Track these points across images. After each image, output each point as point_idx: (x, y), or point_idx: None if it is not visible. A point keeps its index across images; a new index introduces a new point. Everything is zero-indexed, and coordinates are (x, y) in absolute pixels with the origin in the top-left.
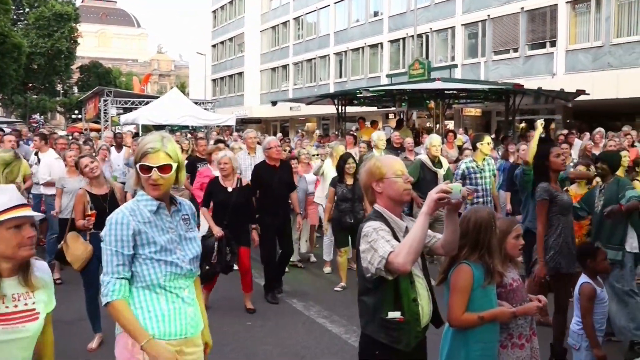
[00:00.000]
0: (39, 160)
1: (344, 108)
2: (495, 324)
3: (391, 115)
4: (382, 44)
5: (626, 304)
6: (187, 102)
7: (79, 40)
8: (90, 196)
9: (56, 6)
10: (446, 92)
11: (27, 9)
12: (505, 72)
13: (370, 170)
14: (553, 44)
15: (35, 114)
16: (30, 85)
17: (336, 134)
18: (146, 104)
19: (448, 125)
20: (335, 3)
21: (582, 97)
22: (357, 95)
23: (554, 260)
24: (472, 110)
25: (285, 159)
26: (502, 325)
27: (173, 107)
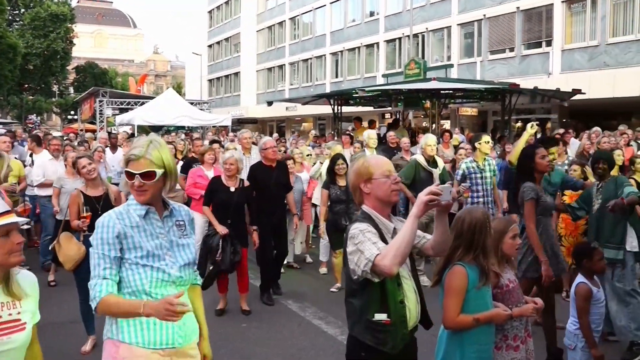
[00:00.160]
0: (32, 162)
1: (340, 108)
2: (491, 326)
3: (387, 115)
4: (378, 43)
5: (627, 304)
6: (183, 102)
7: (74, 40)
8: (85, 197)
9: (52, 7)
10: (442, 91)
11: (22, 10)
12: (501, 71)
13: (358, 171)
14: (549, 44)
15: (32, 115)
16: (26, 86)
17: (332, 134)
18: (142, 104)
19: (444, 125)
20: (331, 3)
21: (578, 97)
22: (353, 95)
23: (536, 262)
24: (469, 110)
25: (281, 160)
26: (497, 327)
27: (169, 108)
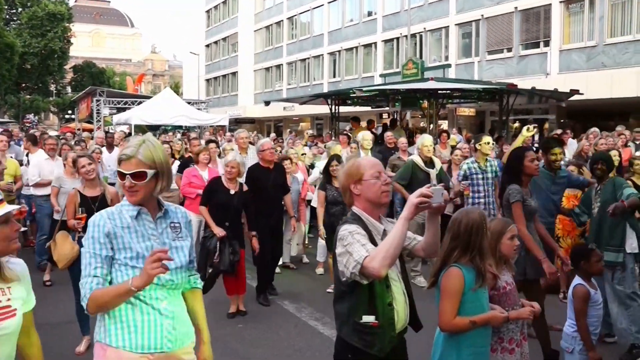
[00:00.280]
0: (28, 161)
1: (337, 108)
2: (488, 328)
3: (385, 115)
4: (375, 43)
5: (628, 307)
6: (180, 102)
7: (72, 40)
8: (81, 197)
9: (49, 6)
10: (440, 91)
11: (20, 9)
12: (499, 71)
13: (348, 172)
14: (547, 44)
15: (29, 115)
16: (24, 85)
17: (330, 134)
18: (139, 104)
19: (442, 125)
20: (329, 3)
21: (575, 97)
22: (351, 95)
23: (520, 266)
24: (466, 110)
25: (278, 160)
26: (493, 329)
27: (166, 107)
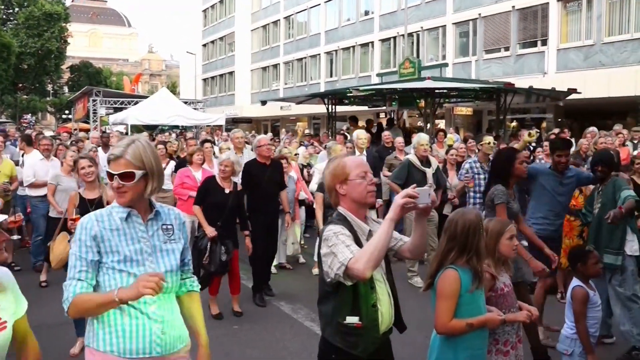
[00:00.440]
0: (24, 162)
1: (334, 107)
2: (485, 330)
3: (382, 115)
4: (372, 43)
5: (629, 309)
6: (177, 101)
7: (69, 40)
8: (80, 199)
9: (46, 6)
10: (437, 91)
11: (16, 9)
12: (497, 71)
13: (334, 172)
14: (544, 43)
15: (27, 115)
16: (20, 85)
17: (327, 133)
18: (135, 103)
19: (439, 125)
20: (326, 2)
21: (573, 96)
22: (347, 94)
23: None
24: (463, 110)
25: (275, 158)
26: (489, 330)
27: (162, 107)
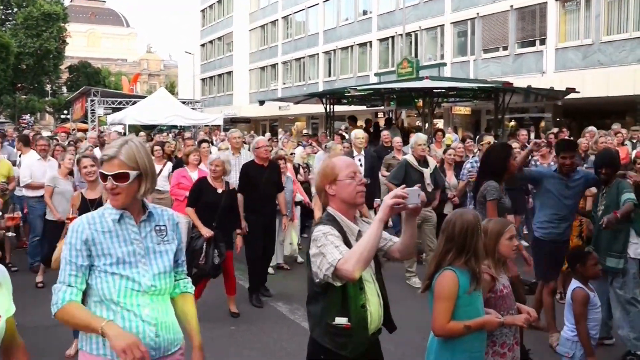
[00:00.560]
0: (20, 162)
1: (332, 107)
2: (483, 332)
3: (380, 115)
4: (371, 42)
5: (628, 312)
6: (175, 101)
7: (67, 40)
8: (82, 199)
9: (45, 6)
10: (435, 90)
11: (15, 9)
12: (495, 70)
13: (323, 172)
14: (543, 42)
15: (25, 115)
16: (19, 85)
17: (325, 133)
18: (133, 103)
19: (437, 124)
20: (324, 2)
21: (572, 95)
22: (345, 94)
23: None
24: (462, 109)
25: (274, 159)
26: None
27: (160, 107)
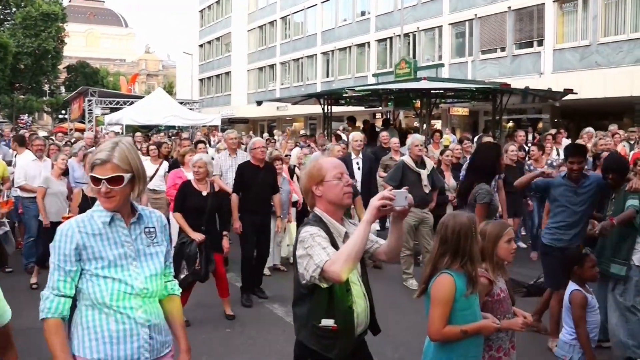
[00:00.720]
0: (15, 162)
1: (329, 108)
2: (480, 337)
3: (378, 115)
4: (369, 43)
5: (627, 320)
6: (172, 102)
7: (66, 40)
8: (83, 196)
9: (43, 6)
10: (432, 91)
11: (13, 9)
12: (493, 71)
13: (310, 173)
14: (540, 43)
15: (24, 115)
16: (17, 85)
17: (323, 134)
18: (131, 104)
19: (435, 125)
20: (323, 2)
21: (569, 97)
22: (343, 94)
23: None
24: (460, 110)
25: (271, 160)
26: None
27: (158, 107)
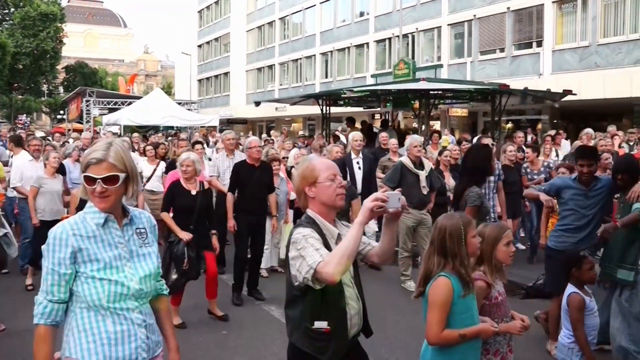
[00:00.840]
0: (12, 163)
1: (328, 108)
2: (478, 341)
3: (377, 116)
4: (368, 44)
5: (629, 325)
6: (170, 102)
7: (64, 40)
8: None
9: (42, 6)
10: (431, 92)
11: (12, 9)
12: (492, 72)
13: (302, 174)
14: (539, 44)
15: (22, 115)
16: (16, 85)
17: (321, 134)
18: (129, 104)
19: (434, 126)
20: (321, 3)
21: (568, 97)
22: (342, 95)
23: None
24: (459, 111)
25: (268, 159)
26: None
27: (156, 108)
